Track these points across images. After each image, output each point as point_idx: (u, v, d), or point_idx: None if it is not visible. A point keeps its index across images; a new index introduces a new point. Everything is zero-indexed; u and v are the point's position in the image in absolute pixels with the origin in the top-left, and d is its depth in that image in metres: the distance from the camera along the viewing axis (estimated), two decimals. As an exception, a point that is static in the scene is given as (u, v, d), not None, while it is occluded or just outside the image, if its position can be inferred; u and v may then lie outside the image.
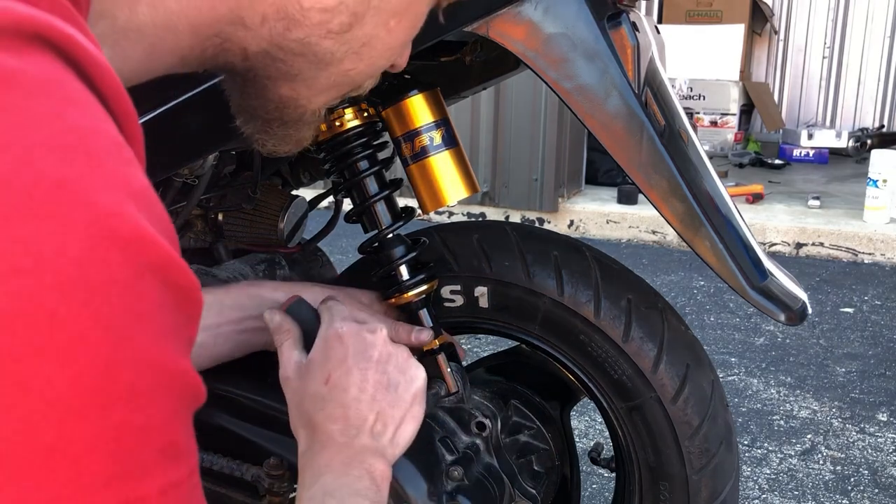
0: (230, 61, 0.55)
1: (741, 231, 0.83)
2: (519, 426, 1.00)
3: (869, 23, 6.13)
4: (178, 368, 0.38)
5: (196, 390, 0.40)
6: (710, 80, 5.64)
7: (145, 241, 0.35)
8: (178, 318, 0.38)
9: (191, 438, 0.39)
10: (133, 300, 0.35)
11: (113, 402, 0.34)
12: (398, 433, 0.76)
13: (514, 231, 0.96)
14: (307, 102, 0.60)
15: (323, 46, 0.55)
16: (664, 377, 0.92)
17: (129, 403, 0.35)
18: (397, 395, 0.76)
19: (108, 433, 0.34)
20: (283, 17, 0.53)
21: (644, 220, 4.01)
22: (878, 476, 1.92)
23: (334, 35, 0.55)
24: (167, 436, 0.37)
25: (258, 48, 0.54)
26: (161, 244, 0.36)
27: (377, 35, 0.57)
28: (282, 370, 0.79)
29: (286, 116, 0.61)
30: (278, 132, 0.63)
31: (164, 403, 0.37)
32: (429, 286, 0.91)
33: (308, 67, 0.57)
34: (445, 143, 0.86)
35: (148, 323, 0.36)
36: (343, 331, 0.77)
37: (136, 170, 0.37)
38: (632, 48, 0.78)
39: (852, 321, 2.94)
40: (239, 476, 0.91)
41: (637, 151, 0.75)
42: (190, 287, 0.38)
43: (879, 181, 3.80)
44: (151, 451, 0.36)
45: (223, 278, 1.06)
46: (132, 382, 0.35)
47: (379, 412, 0.75)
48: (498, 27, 0.73)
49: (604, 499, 1.79)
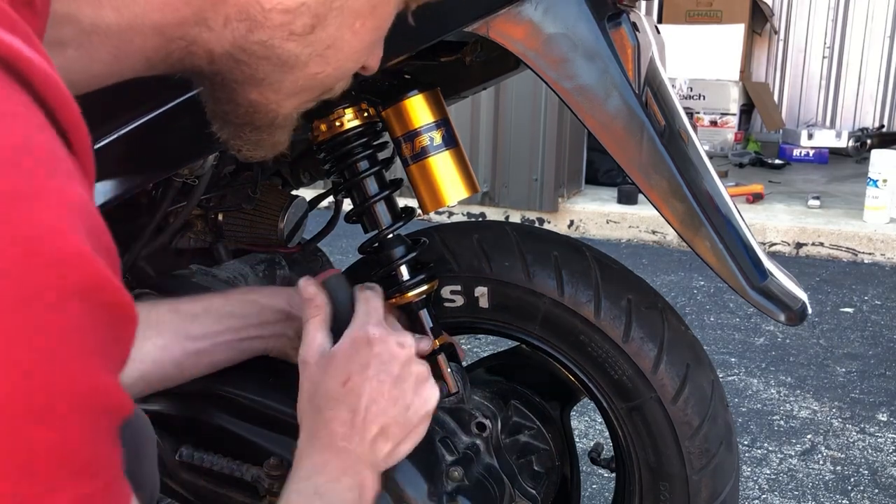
0: (197, 64, 0.55)
1: (741, 231, 0.83)
2: (519, 426, 1.00)
3: (869, 23, 6.13)
4: (100, 386, 0.37)
5: (120, 406, 0.39)
6: (710, 79, 5.64)
7: (76, 259, 0.35)
8: (107, 337, 0.38)
9: (111, 449, 0.39)
10: (57, 319, 0.35)
11: (28, 418, 0.34)
12: (396, 450, 0.76)
13: (515, 231, 0.96)
14: (277, 106, 0.60)
15: (286, 49, 0.55)
16: (664, 377, 0.92)
17: (43, 423, 0.34)
18: (406, 416, 0.76)
19: (20, 450, 0.34)
20: (245, 19, 0.53)
21: (644, 220, 4.01)
22: (878, 476, 1.92)
23: (297, 37, 0.55)
24: (83, 453, 0.37)
25: (222, 50, 0.54)
26: (93, 263, 0.36)
27: (342, 37, 0.57)
28: (303, 350, 0.77)
29: (257, 121, 0.61)
30: (251, 137, 0.63)
31: (81, 422, 0.36)
32: (429, 286, 0.91)
33: (273, 70, 0.57)
34: (446, 143, 0.86)
35: (70, 342, 0.35)
36: (374, 336, 0.76)
37: (76, 183, 0.37)
38: (632, 48, 0.78)
39: (852, 321, 2.94)
40: (239, 476, 0.91)
41: (637, 151, 0.75)
42: (121, 305, 0.38)
43: (879, 181, 3.80)
44: (64, 468, 0.36)
45: (223, 278, 1.06)
46: (49, 402, 0.35)
47: (384, 427, 0.74)
48: (498, 27, 0.73)
49: (604, 499, 1.79)
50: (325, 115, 0.86)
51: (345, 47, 0.58)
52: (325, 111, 0.86)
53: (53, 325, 0.34)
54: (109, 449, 0.39)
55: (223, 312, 0.87)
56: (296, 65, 0.57)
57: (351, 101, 0.86)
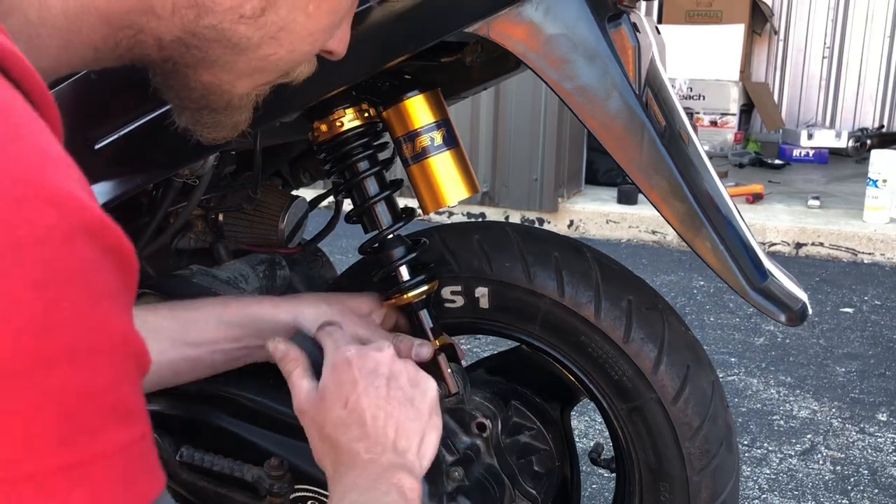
0: (146, 52, 0.55)
1: (741, 231, 0.83)
2: (519, 427, 1.00)
3: (869, 23, 6.13)
4: (120, 330, 0.37)
5: (140, 355, 0.39)
6: (710, 80, 5.64)
7: (75, 201, 0.35)
8: (117, 281, 0.38)
9: (141, 402, 0.39)
10: (66, 260, 0.34)
11: (53, 362, 0.34)
12: (423, 446, 0.75)
13: (515, 232, 0.96)
14: (231, 87, 0.60)
15: (237, 31, 0.55)
16: (664, 378, 0.92)
17: (70, 364, 0.34)
18: (414, 409, 0.76)
19: (51, 394, 0.34)
20: (194, 5, 0.53)
21: (644, 220, 4.01)
22: (878, 476, 1.92)
23: (247, 20, 0.55)
24: (114, 395, 0.37)
25: (172, 37, 0.54)
26: (91, 207, 0.36)
27: (295, 19, 0.57)
28: (295, 402, 0.77)
29: (213, 103, 0.61)
30: (209, 119, 0.63)
31: (107, 363, 0.36)
32: (429, 287, 0.91)
33: (224, 52, 0.56)
34: (446, 143, 0.86)
35: (83, 283, 0.35)
36: (350, 354, 0.76)
37: (54, 139, 0.37)
38: (632, 49, 0.78)
39: (852, 321, 2.94)
40: (240, 476, 0.91)
41: (638, 152, 0.75)
42: (126, 251, 0.38)
43: (879, 181, 3.80)
44: (100, 410, 0.36)
45: (223, 279, 1.06)
46: (71, 342, 0.34)
47: (398, 427, 0.74)
48: (499, 28, 0.73)
49: (604, 499, 1.79)
50: (325, 116, 0.86)
51: (298, 29, 0.58)
52: (325, 111, 0.86)
53: (63, 266, 0.34)
54: (139, 400, 0.39)
55: (223, 321, 0.86)
56: (248, 47, 0.57)
57: (351, 101, 0.86)
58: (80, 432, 0.35)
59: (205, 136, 0.65)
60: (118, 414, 0.37)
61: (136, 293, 0.98)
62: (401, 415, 0.74)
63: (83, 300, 0.35)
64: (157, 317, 0.85)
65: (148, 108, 0.79)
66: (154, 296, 0.99)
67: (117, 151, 0.81)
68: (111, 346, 0.37)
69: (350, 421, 0.73)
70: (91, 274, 0.36)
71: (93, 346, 0.35)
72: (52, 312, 0.34)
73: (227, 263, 1.12)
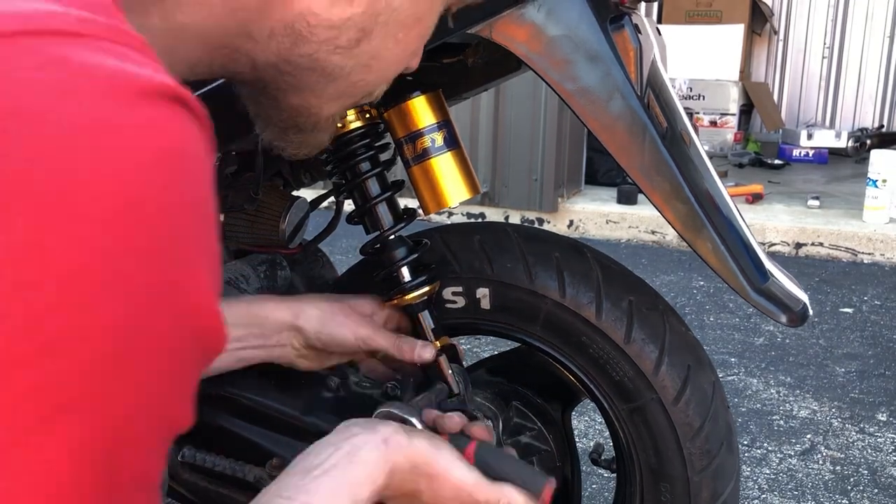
0: (239, 71, 0.56)
1: (742, 232, 0.83)
2: (520, 427, 1.00)
3: (869, 22, 6.13)
4: (181, 415, 0.40)
5: (186, 425, 0.41)
6: (710, 80, 5.64)
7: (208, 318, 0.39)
8: (198, 367, 0.41)
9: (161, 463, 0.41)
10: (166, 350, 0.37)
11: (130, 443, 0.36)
12: None
13: (516, 232, 0.96)
14: (318, 111, 0.61)
15: (331, 62, 0.55)
16: (665, 379, 0.92)
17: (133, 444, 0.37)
18: None
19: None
20: (291, 34, 0.53)
21: (643, 220, 4.01)
22: (878, 476, 1.92)
23: (342, 50, 0.55)
24: (148, 474, 0.39)
25: (266, 61, 0.54)
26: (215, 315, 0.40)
27: (386, 47, 0.57)
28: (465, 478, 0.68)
29: (301, 124, 0.62)
30: (295, 139, 0.64)
31: (160, 447, 0.39)
32: (430, 288, 0.91)
33: (317, 81, 0.57)
34: (447, 144, 0.86)
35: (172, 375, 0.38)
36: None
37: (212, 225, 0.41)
38: (634, 50, 0.78)
39: (852, 321, 2.94)
40: (241, 477, 0.91)
41: (639, 153, 0.75)
42: (218, 335, 0.42)
43: (879, 181, 3.80)
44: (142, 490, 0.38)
45: (224, 279, 1.06)
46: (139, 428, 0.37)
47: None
48: (501, 29, 0.73)
49: (604, 499, 1.79)
50: (327, 117, 0.86)
51: (388, 56, 0.58)
52: (327, 112, 0.86)
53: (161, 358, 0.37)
54: (161, 463, 0.41)
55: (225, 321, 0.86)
56: (340, 75, 0.57)
57: (353, 102, 0.86)
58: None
59: (288, 153, 0.66)
60: (143, 486, 0.39)
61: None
62: None
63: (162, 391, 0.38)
64: None
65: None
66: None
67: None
68: (168, 430, 0.40)
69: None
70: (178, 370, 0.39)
71: (152, 428, 0.38)
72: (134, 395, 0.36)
73: (228, 264, 1.12)
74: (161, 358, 0.36)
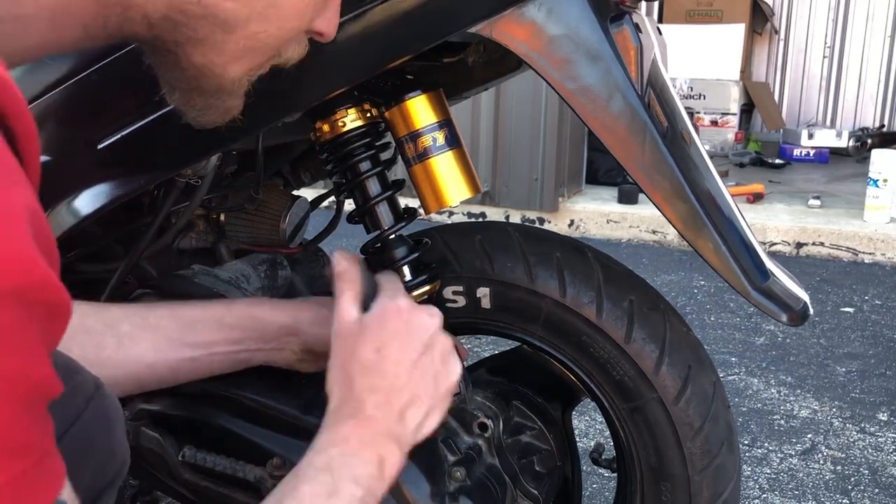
0: (135, 31, 0.56)
1: (743, 232, 0.83)
2: (521, 427, 1.00)
3: (869, 22, 6.13)
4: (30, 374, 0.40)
5: (50, 389, 0.42)
6: (711, 79, 5.64)
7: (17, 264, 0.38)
8: (41, 330, 0.41)
9: (41, 428, 0.42)
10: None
11: None
12: (424, 423, 0.74)
13: (517, 232, 0.96)
14: (222, 70, 0.61)
15: (224, 7, 0.56)
16: (666, 378, 0.92)
17: None
18: (435, 385, 0.74)
19: None
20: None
21: (644, 219, 4.01)
22: (879, 476, 1.92)
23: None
24: (13, 435, 0.40)
25: (159, 14, 0.55)
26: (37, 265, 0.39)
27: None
28: (336, 324, 0.75)
29: (204, 86, 0.62)
30: (200, 102, 0.64)
31: (12, 407, 0.39)
32: (431, 287, 0.91)
33: (213, 31, 0.57)
34: (448, 143, 0.86)
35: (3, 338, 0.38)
36: (404, 305, 0.75)
37: (21, 188, 0.40)
38: (635, 49, 0.78)
39: (852, 321, 2.94)
40: (242, 477, 0.91)
41: (640, 153, 0.75)
42: (58, 303, 0.41)
43: (880, 181, 3.80)
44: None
45: (225, 278, 1.06)
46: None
47: (414, 395, 0.72)
48: (501, 29, 0.73)
49: (604, 499, 1.79)
50: (327, 116, 0.86)
51: (284, 5, 0.59)
52: (327, 112, 0.86)
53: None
54: (40, 428, 0.42)
55: (223, 323, 0.86)
56: (236, 24, 0.57)
57: (354, 101, 0.86)
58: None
59: (195, 119, 0.66)
60: (16, 450, 0.40)
61: (136, 294, 0.98)
62: (421, 384, 0.73)
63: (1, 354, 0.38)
64: (156, 316, 0.84)
65: (151, 108, 0.79)
66: (155, 296, 0.99)
67: (120, 152, 0.81)
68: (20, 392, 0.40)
69: (374, 367, 0.72)
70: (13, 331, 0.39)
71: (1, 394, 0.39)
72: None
73: (229, 263, 1.12)
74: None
